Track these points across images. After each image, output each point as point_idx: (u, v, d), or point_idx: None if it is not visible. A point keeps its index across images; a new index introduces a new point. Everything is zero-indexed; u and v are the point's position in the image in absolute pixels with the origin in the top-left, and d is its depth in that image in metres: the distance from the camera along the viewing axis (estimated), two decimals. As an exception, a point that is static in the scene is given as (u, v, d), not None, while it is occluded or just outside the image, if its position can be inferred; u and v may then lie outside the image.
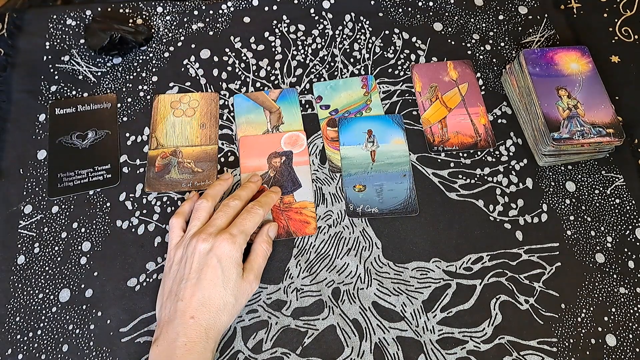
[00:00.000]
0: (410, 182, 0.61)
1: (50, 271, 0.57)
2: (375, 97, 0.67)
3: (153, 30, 0.72)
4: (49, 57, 0.70)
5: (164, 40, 0.72)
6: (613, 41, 0.72)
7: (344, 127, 0.65)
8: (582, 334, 0.54)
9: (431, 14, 0.74)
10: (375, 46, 0.72)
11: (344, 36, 0.73)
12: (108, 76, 0.69)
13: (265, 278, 0.57)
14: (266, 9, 0.75)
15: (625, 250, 0.58)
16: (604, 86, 0.62)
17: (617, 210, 0.61)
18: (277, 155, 0.64)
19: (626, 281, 0.57)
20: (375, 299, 0.56)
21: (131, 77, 0.69)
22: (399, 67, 0.70)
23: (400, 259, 0.58)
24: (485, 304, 0.55)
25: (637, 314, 0.55)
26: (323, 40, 0.72)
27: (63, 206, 0.61)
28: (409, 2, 0.75)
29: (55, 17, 0.73)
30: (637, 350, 0.53)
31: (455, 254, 0.58)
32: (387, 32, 0.73)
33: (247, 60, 0.71)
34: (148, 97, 0.68)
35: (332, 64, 0.70)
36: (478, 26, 0.74)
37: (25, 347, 0.53)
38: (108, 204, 0.61)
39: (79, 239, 0.59)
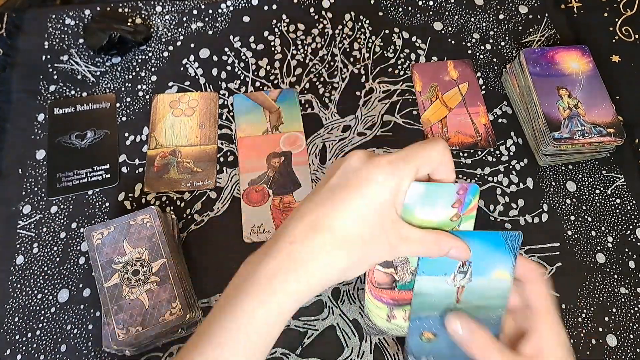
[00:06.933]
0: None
1: (49, 271, 0.57)
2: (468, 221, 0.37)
3: (152, 30, 0.72)
4: (48, 56, 0.70)
5: (163, 40, 0.72)
6: (613, 40, 0.72)
7: None
8: (582, 334, 0.54)
9: (431, 13, 0.74)
10: (375, 46, 0.72)
11: (344, 35, 0.72)
12: (107, 76, 0.69)
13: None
14: (266, 8, 0.75)
15: (626, 250, 0.58)
16: (605, 86, 0.62)
17: (617, 210, 0.60)
18: (276, 155, 0.63)
19: (627, 281, 0.56)
20: (375, 299, 0.55)
21: (130, 76, 0.69)
22: (399, 67, 0.70)
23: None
24: (486, 304, 0.55)
25: (637, 314, 0.55)
26: (323, 39, 0.72)
27: (62, 206, 0.60)
28: (409, 1, 0.75)
29: (54, 16, 0.73)
30: (638, 350, 0.53)
31: (456, 254, 0.58)
32: (387, 31, 0.73)
33: (247, 60, 0.70)
34: (147, 96, 0.68)
35: (332, 63, 0.70)
36: (478, 25, 0.73)
37: (24, 348, 0.53)
38: (107, 204, 0.61)
39: (77, 239, 0.59)
